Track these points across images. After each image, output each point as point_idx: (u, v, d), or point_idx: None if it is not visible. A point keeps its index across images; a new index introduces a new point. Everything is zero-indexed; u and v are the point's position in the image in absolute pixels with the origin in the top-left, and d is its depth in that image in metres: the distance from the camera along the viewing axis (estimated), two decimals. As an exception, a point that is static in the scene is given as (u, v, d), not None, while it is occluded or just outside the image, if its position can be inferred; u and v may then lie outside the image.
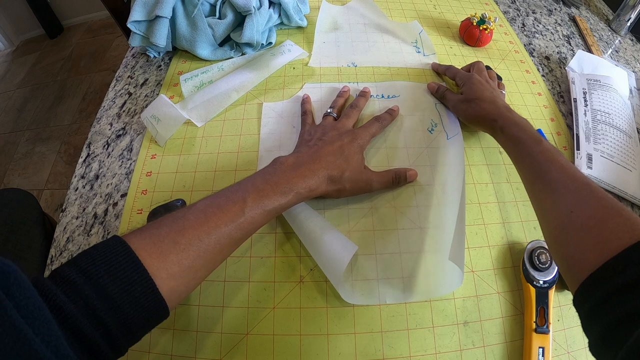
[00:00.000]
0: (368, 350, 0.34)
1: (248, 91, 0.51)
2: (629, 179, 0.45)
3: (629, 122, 0.51)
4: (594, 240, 0.26)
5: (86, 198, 0.43)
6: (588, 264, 0.25)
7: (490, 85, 0.46)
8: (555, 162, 0.33)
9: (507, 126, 0.39)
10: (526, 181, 0.36)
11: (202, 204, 0.31)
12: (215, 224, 0.29)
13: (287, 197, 0.33)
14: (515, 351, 0.35)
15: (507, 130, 0.39)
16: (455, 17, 0.64)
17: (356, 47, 0.57)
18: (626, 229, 0.25)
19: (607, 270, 0.24)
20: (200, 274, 0.29)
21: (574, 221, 0.28)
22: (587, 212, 0.28)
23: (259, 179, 0.34)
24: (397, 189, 0.42)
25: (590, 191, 0.29)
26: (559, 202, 0.30)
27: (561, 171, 0.32)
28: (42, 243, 0.54)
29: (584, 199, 0.29)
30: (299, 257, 0.38)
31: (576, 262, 0.26)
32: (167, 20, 0.50)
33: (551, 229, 0.30)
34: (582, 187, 0.30)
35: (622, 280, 0.22)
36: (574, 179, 0.31)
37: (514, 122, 0.39)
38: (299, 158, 0.37)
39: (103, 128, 0.49)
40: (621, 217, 0.26)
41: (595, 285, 0.24)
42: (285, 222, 0.40)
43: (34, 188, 1.43)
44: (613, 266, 0.23)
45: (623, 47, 0.66)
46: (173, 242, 0.27)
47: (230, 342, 0.34)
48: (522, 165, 0.36)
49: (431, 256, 0.38)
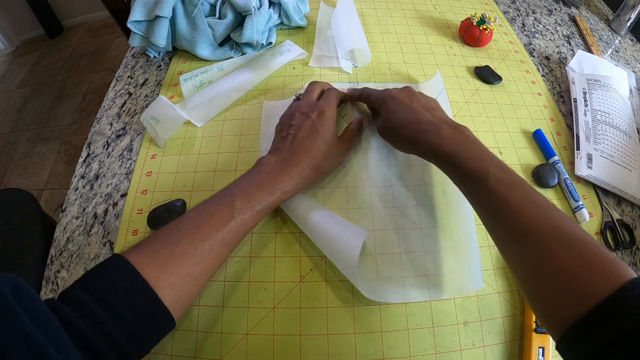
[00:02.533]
0: (368, 350, 0.34)
1: (248, 91, 0.51)
2: (629, 179, 0.45)
3: (629, 122, 0.51)
4: (569, 296, 0.24)
5: (86, 198, 0.43)
6: (565, 319, 0.23)
7: (412, 99, 0.39)
8: (511, 200, 0.28)
9: (441, 157, 0.33)
10: (484, 222, 0.31)
11: (193, 212, 0.32)
12: (207, 231, 0.30)
13: (274, 195, 0.34)
14: (515, 351, 0.35)
15: (444, 164, 0.33)
16: (455, 17, 0.64)
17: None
18: (601, 279, 0.23)
19: (584, 327, 0.22)
20: (200, 281, 0.30)
21: (544, 276, 0.25)
22: (559, 266, 0.25)
23: (245, 181, 0.34)
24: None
25: (560, 238, 0.26)
26: (526, 254, 0.27)
27: (522, 213, 0.27)
28: (42, 243, 0.54)
29: (555, 249, 0.25)
30: (299, 257, 0.38)
31: (553, 317, 0.25)
32: (167, 20, 0.50)
33: (520, 281, 0.28)
34: (549, 233, 0.26)
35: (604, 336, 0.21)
36: (539, 223, 0.27)
37: (448, 153, 0.32)
38: (279, 155, 0.37)
39: (103, 128, 0.49)
40: (596, 266, 0.24)
41: (574, 343, 0.23)
42: (285, 222, 0.40)
43: (34, 188, 1.43)
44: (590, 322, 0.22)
45: (623, 47, 0.66)
46: (169, 252, 0.28)
47: (230, 342, 0.34)
48: (473, 204, 0.32)
49: (432, 257, 0.38)
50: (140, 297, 0.25)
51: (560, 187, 0.44)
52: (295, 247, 0.38)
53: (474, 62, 0.57)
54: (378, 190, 0.42)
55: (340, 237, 0.35)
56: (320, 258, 0.38)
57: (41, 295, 0.37)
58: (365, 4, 0.66)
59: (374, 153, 0.45)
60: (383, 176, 0.43)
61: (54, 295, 0.37)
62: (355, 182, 0.42)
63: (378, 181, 0.42)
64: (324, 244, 0.36)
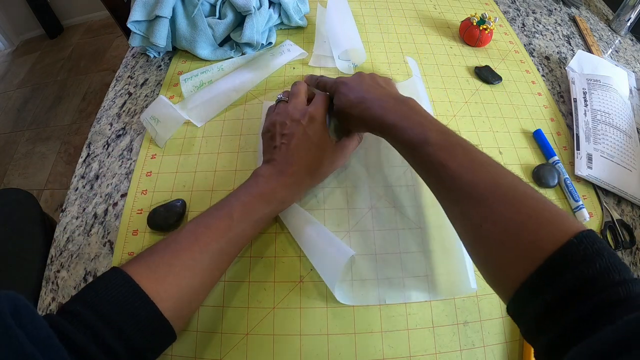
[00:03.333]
0: (368, 350, 0.34)
1: (248, 91, 0.51)
2: (629, 179, 0.45)
3: (629, 122, 0.51)
4: (512, 256, 0.23)
5: (86, 198, 0.43)
6: (511, 280, 0.22)
7: (361, 81, 0.40)
8: (450, 162, 0.28)
9: (385, 129, 0.34)
10: (430, 189, 0.31)
11: (191, 225, 0.32)
12: (205, 243, 0.30)
13: (271, 205, 0.34)
14: (515, 351, 0.35)
15: (388, 136, 0.34)
16: (455, 17, 0.64)
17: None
18: (546, 236, 0.22)
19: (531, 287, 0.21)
20: (200, 293, 0.30)
21: (485, 236, 0.25)
22: (499, 224, 0.24)
23: (242, 192, 0.34)
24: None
25: (499, 196, 0.25)
26: (467, 214, 0.26)
27: (460, 174, 0.27)
28: (42, 243, 0.54)
29: (493, 208, 0.25)
30: (299, 257, 0.38)
31: (499, 279, 0.24)
32: (167, 20, 0.50)
33: (465, 242, 0.28)
34: (489, 192, 0.25)
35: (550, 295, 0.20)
36: (478, 182, 0.26)
37: (390, 124, 0.33)
38: (275, 166, 0.36)
39: (103, 128, 0.49)
40: (538, 222, 0.23)
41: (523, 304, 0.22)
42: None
43: (34, 188, 1.43)
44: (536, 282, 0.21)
45: (623, 47, 0.66)
46: (168, 265, 0.28)
47: (230, 342, 0.34)
48: (417, 171, 0.32)
49: (435, 257, 0.38)
50: (141, 310, 0.25)
51: (560, 187, 0.44)
52: (295, 247, 0.38)
53: (474, 62, 0.57)
54: (378, 190, 0.42)
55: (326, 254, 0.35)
56: (320, 258, 0.38)
57: (41, 296, 0.37)
58: (365, 4, 0.66)
59: (374, 153, 0.45)
60: (383, 176, 0.43)
61: (53, 295, 0.37)
62: (355, 182, 0.42)
63: (378, 181, 0.42)
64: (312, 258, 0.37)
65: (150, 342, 0.26)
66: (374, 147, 0.45)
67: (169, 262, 0.29)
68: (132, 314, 0.25)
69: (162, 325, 0.26)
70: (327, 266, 0.35)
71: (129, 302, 0.25)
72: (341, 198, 0.41)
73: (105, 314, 0.24)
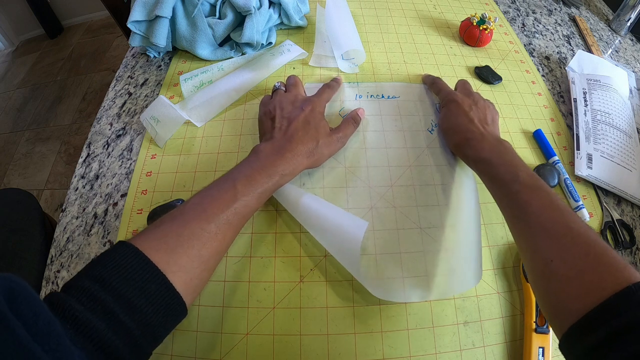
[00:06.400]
0: (368, 350, 0.34)
1: (248, 91, 0.51)
2: (629, 179, 0.45)
3: (629, 122, 0.51)
4: (575, 292, 0.25)
5: (86, 198, 0.43)
6: (570, 314, 0.24)
7: (469, 110, 0.42)
8: (534, 201, 0.31)
9: (479, 162, 0.37)
10: (507, 221, 0.34)
11: (197, 197, 0.32)
12: (212, 212, 0.31)
13: (273, 179, 0.35)
14: (515, 351, 0.35)
15: (480, 168, 0.37)
16: (455, 17, 0.64)
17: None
18: (608, 277, 0.24)
19: (589, 322, 0.23)
20: (209, 264, 0.30)
21: (554, 271, 0.27)
22: (568, 262, 0.26)
23: (244, 166, 0.35)
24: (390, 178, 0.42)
25: (571, 237, 0.28)
26: (540, 250, 0.29)
27: (541, 213, 0.30)
28: (42, 243, 0.54)
29: (565, 247, 0.27)
30: (299, 257, 0.38)
31: (559, 312, 0.26)
32: (167, 20, 0.50)
33: (532, 276, 0.30)
34: (563, 232, 0.28)
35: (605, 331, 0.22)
36: (554, 222, 0.29)
37: (486, 159, 0.36)
38: (275, 142, 0.38)
39: (103, 128, 0.49)
40: (603, 266, 0.25)
41: (577, 338, 0.24)
42: (285, 222, 0.40)
43: (34, 188, 1.43)
44: (594, 318, 0.23)
45: (623, 47, 0.66)
46: (177, 235, 0.28)
47: (230, 342, 0.34)
48: (501, 205, 0.35)
49: (434, 256, 0.38)
50: (152, 282, 0.24)
51: (560, 187, 0.44)
52: (295, 247, 0.38)
53: (474, 62, 0.57)
54: (378, 190, 0.42)
55: (341, 229, 0.35)
56: (321, 258, 0.38)
57: (41, 296, 0.37)
58: (365, 3, 0.66)
59: (374, 153, 0.45)
60: (383, 176, 0.43)
61: (54, 295, 0.37)
62: (355, 182, 0.42)
63: (378, 181, 0.42)
64: (325, 237, 0.36)
65: (163, 316, 0.25)
66: (374, 147, 0.45)
67: (177, 232, 0.28)
68: (143, 288, 0.24)
69: (174, 298, 0.26)
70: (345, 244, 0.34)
71: (140, 275, 0.24)
72: (341, 198, 0.41)
73: (115, 289, 0.23)
